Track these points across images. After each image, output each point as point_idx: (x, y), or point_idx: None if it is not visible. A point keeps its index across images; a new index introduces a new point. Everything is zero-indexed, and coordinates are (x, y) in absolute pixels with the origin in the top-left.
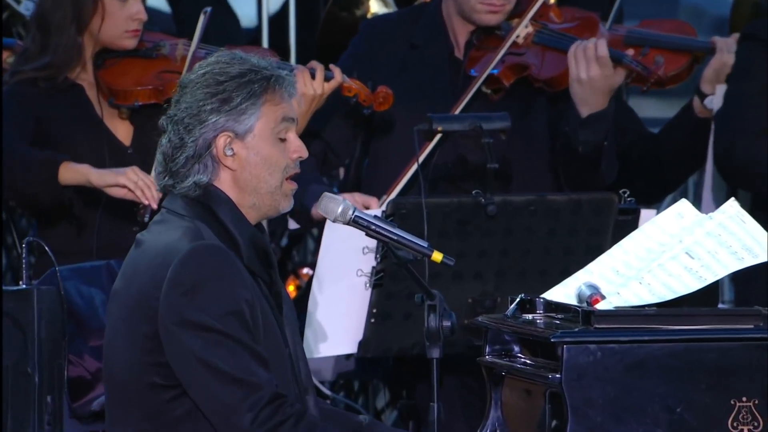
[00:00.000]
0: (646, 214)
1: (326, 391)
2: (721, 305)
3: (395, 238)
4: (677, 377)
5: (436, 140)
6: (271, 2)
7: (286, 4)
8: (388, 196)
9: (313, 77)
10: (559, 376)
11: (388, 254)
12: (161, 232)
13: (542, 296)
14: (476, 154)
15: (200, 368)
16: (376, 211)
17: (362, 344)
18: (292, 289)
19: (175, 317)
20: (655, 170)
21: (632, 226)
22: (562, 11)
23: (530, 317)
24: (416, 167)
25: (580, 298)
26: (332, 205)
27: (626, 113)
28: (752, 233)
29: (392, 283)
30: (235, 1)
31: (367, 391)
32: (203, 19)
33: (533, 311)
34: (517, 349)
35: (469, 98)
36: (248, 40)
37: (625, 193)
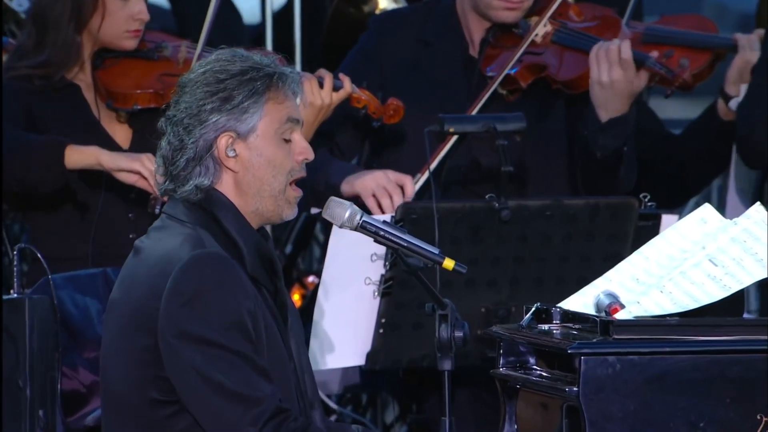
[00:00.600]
0: (667, 219)
1: (333, 405)
2: (746, 315)
3: (405, 244)
4: (700, 391)
5: (452, 142)
6: None
7: (290, 0)
8: (422, 174)
9: (321, 86)
10: (576, 389)
11: (397, 261)
12: (161, 239)
13: (559, 305)
14: (490, 156)
15: (200, 383)
16: (384, 216)
17: (370, 356)
18: (297, 298)
19: (174, 329)
20: (677, 173)
21: (653, 231)
22: (582, 9)
23: (546, 327)
24: (451, 143)
25: (598, 307)
26: (339, 210)
27: (646, 114)
28: None
29: (402, 291)
30: None
31: (375, 404)
32: (209, 20)
33: (549, 321)
34: (532, 360)
35: (485, 99)
36: (251, 38)
37: (645, 197)
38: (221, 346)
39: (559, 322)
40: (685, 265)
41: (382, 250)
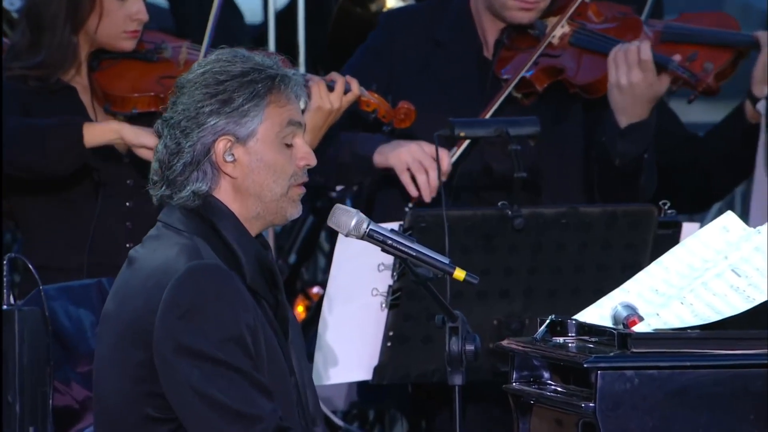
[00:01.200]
0: (688, 227)
1: (338, 421)
2: None
3: (414, 253)
4: (722, 406)
5: (465, 146)
6: None
7: None
8: (458, 148)
9: (331, 89)
10: (593, 405)
11: (405, 272)
12: (156, 248)
13: (574, 318)
14: (503, 162)
15: (197, 400)
16: (392, 224)
17: (377, 370)
18: (301, 309)
19: (170, 344)
20: (698, 179)
21: (673, 240)
22: (601, 9)
23: (561, 340)
24: (463, 148)
25: (615, 319)
26: (345, 217)
27: (667, 116)
28: None
29: (410, 303)
30: None
31: (383, 421)
32: (214, 16)
33: (564, 334)
34: (546, 375)
35: (499, 103)
36: (253, 37)
37: (665, 204)
38: (219, 361)
39: (574, 334)
40: (706, 275)
41: (389, 259)
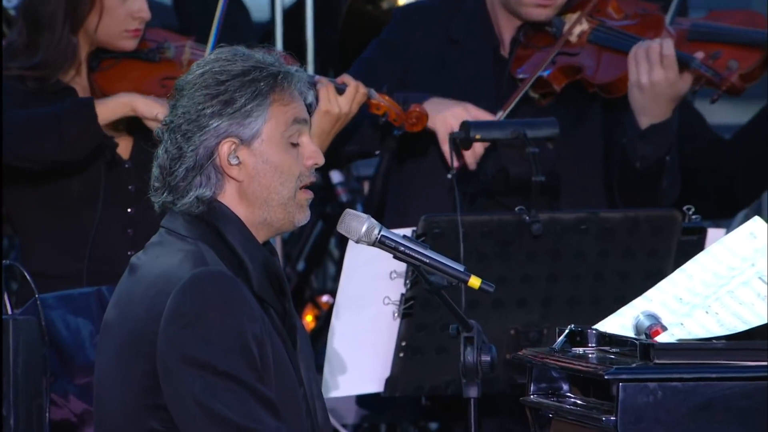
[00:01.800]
0: (713, 233)
1: None
2: None
3: (427, 261)
4: (749, 420)
5: (512, 106)
6: None
7: None
8: (504, 111)
9: (340, 93)
10: (614, 418)
11: (419, 280)
12: (159, 255)
13: (594, 327)
14: (520, 165)
15: (200, 413)
16: (404, 230)
17: (389, 382)
18: (310, 319)
19: (174, 354)
20: (724, 183)
21: (698, 247)
22: (621, 6)
23: (581, 351)
24: (521, 95)
25: (638, 329)
26: (355, 223)
27: (692, 118)
28: None
29: (424, 312)
30: None
31: None
32: (219, 14)
33: (584, 344)
34: (566, 387)
35: (515, 103)
36: (260, 36)
37: (689, 209)
38: (224, 373)
39: (595, 345)
40: (732, 283)
41: (402, 267)
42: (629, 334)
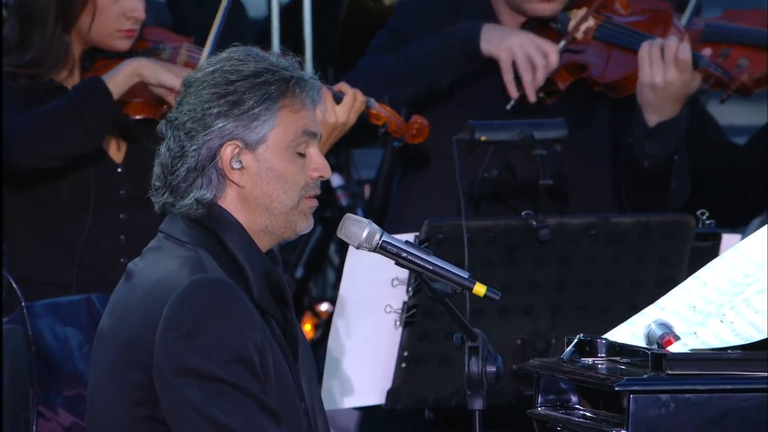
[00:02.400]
0: (728, 239)
1: None
2: None
3: (430, 267)
4: None
5: (570, 37)
6: None
7: None
8: (566, 41)
9: (338, 101)
10: (624, 431)
11: (421, 287)
12: (156, 261)
13: (604, 336)
14: (527, 167)
15: (200, 424)
16: (407, 235)
17: (391, 394)
18: (309, 328)
19: (171, 364)
20: (739, 188)
21: (712, 253)
22: (629, 1)
23: (590, 361)
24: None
25: (649, 339)
26: (356, 228)
27: (705, 120)
28: None
29: (427, 321)
30: None
31: None
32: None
33: (594, 354)
34: (574, 399)
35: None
36: (256, 34)
37: (703, 214)
38: (224, 382)
39: (605, 355)
40: (748, 291)
41: (404, 274)
42: (640, 343)
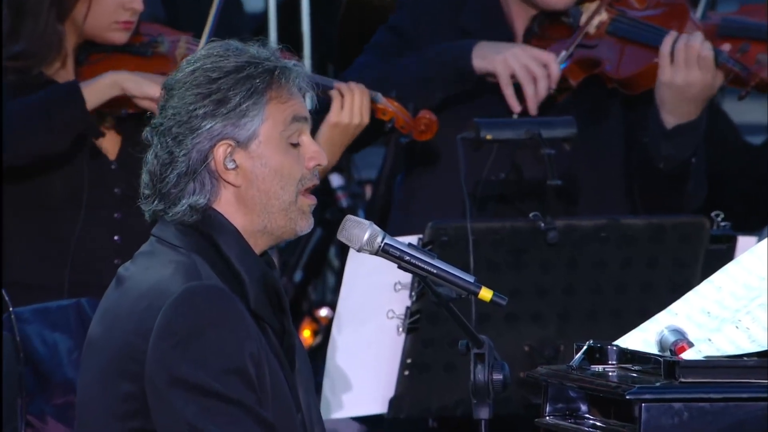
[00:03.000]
0: (744, 242)
1: None
2: None
3: (434, 271)
4: None
5: (576, 42)
6: None
7: None
8: (567, 50)
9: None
10: None
11: (425, 291)
12: (149, 266)
13: (615, 343)
14: (534, 167)
15: None
16: (410, 238)
17: (394, 402)
18: (307, 334)
19: (163, 375)
20: (755, 189)
21: (727, 256)
22: None
23: (601, 369)
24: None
25: (662, 345)
26: (357, 230)
27: (721, 119)
28: None
29: (431, 327)
30: None
31: None
32: (216, 8)
33: (604, 361)
34: (584, 408)
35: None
36: (253, 28)
37: (718, 216)
38: (219, 394)
39: (615, 362)
40: (765, 295)
41: (407, 278)
42: (653, 350)
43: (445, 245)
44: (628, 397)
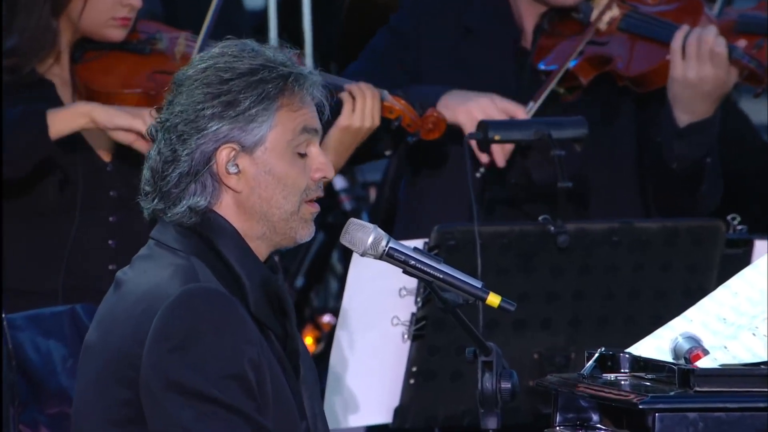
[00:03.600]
0: (761, 246)
1: None
2: None
3: (441, 276)
4: None
5: (545, 95)
6: None
7: None
8: (535, 103)
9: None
10: None
11: (431, 297)
12: (147, 270)
13: (628, 351)
14: (544, 169)
15: None
16: (416, 241)
17: (399, 412)
18: (310, 341)
19: (159, 380)
20: None
21: (743, 261)
22: None
23: (613, 377)
24: (548, 90)
25: (676, 353)
26: (360, 234)
27: (738, 118)
28: None
29: (437, 333)
30: None
31: None
32: (214, 7)
33: (616, 370)
34: (595, 418)
35: (543, 99)
36: (253, 26)
37: (734, 219)
38: (217, 401)
39: (628, 370)
40: None
41: (412, 283)
42: (667, 358)
43: (451, 249)
44: (641, 406)
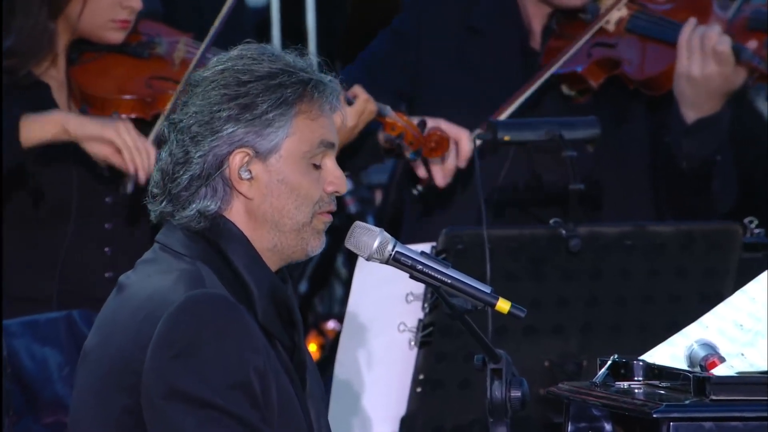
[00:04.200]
0: None
1: None
2: None
3: (449, 281)
4: None
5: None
6: None
7: None
8: (482, 129)
9: (349, 104)
10: None
11: (439, 303)
12: (151, 274)
13: (642, 358)
14: (555, 171)
15: None
16: (423, 245)
17: (405, 421)
18: (314, 348)
19: (162, 387)
20: None
21: (761, 265)
22: None
23: (626, 385)
24: (542, 80)
25: (691, 360)
26: (366, 238)
27: (752, 118)
28: None
29: (444, 340)
30: None
31: None
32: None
33: (630, 377)
34: (608, 427)
35: (533, 90)
36: (255, 23)
37: (751, 222)
38: (220, 409)
39: (641, 378)
40: None
41: (420, 288)
42: (682, 366)
43: (460, 254)
44: (655, 415)
